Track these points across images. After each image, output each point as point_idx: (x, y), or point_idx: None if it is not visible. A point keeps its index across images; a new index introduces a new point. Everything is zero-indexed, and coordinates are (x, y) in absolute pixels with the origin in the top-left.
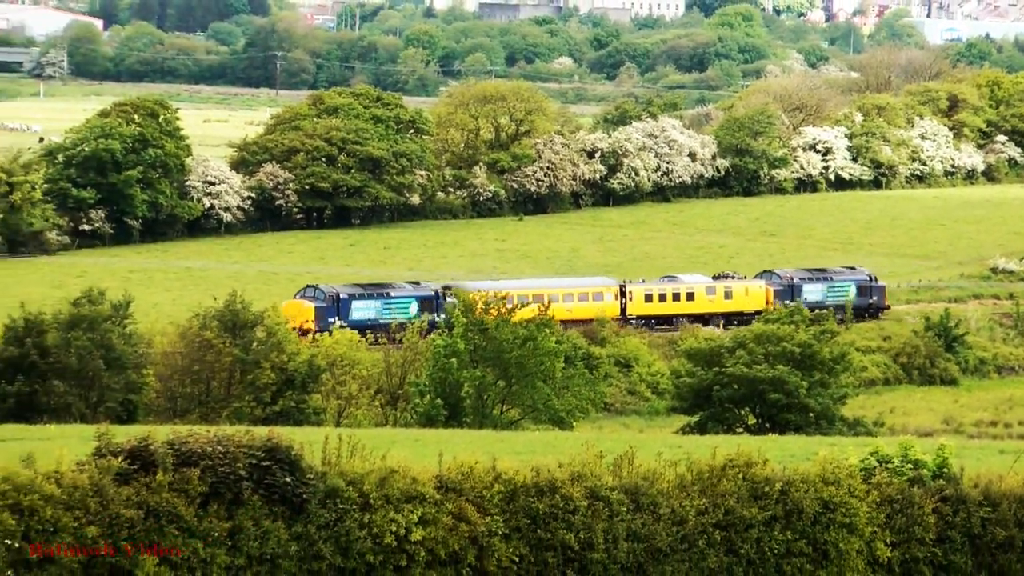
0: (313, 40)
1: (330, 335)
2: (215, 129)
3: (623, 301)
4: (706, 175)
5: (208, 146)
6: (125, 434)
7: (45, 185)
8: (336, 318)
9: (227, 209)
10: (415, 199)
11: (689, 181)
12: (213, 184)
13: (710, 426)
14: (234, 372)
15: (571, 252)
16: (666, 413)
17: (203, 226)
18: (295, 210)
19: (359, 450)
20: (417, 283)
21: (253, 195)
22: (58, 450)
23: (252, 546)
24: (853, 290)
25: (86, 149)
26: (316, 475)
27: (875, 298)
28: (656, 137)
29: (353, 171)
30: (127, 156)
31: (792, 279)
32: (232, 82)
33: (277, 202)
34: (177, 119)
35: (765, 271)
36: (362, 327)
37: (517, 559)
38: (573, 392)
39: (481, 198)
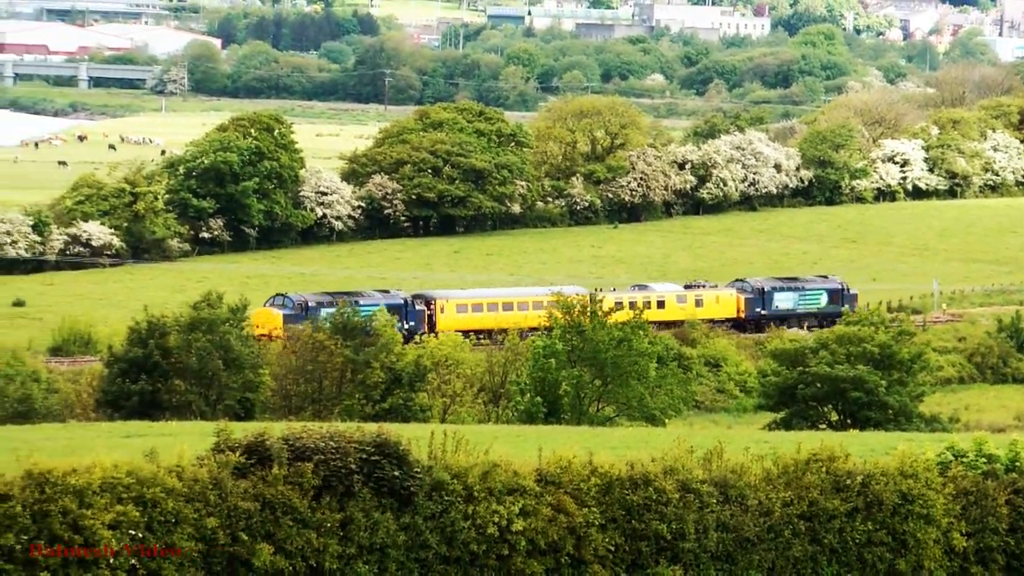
0: (419, 58)
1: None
2: (327, 143)
3: None
4: (790, 185)
5: (320, 158)
6: (243, 430)
7: (167, 195)
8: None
9: (338, 218)
10: (516, 208)
11: (774, 191)
12: (325, 194)
13: (795, 423)
14: (345, 371)
15: (663, 258)
16: (753, 410)
17: (316, 234)
18: (402, 219)
19: (463, 445)
20: (387, 291)
21: (363, 205)
22: (179, 446)
23: (362, 536)
24: (824, 298)
25: (206, 161)
26: (423, 469)
27: (847, 306)
28: (743, 150)
29: (457, 182)
30: (244, 168)
31: (763, 288)
32: (343, 98)
33: (385, 211)
34: (291, 133)
35: (737, 280)
36: None
37: (612, 548)
38: (666, 391)
39: (578, 207)
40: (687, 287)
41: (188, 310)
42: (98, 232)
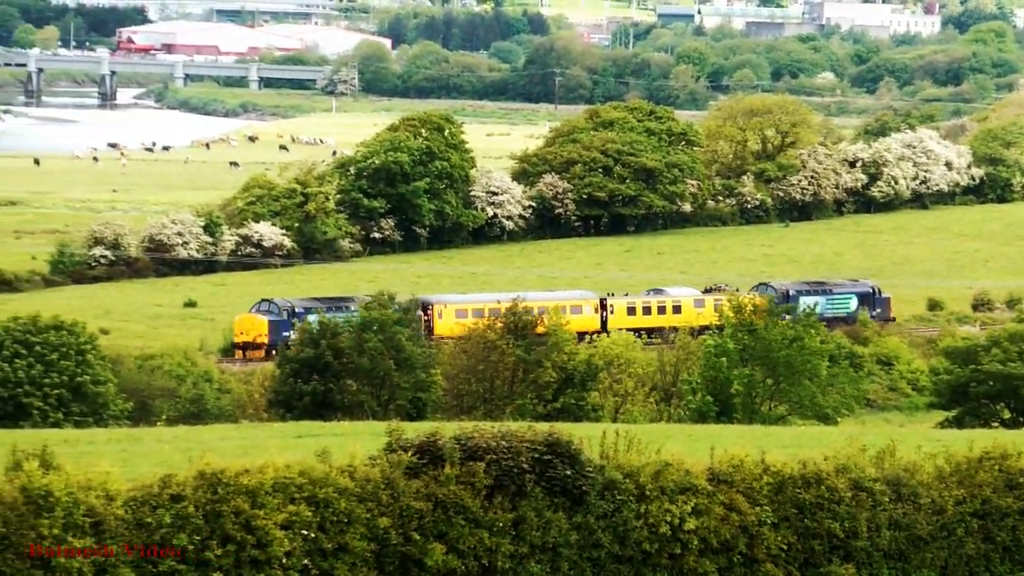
0: (589, 58)
1: (288, 348)
2: (497, 142)
3: (604, 315)
4: (962, 183)
5: (491, 158)
6: (414, 430)
7: (338, 196)
8: (291, 332)
9: (509, 217)
10: (686, 207)
11: (946, 189)
12: (496, 194)
13: (967, 421)
14: (517, 371)
15: (834, 257)
16: (925, 409)
17: (486, 234)
18: (573, 218)
19: (635, 444)
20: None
21: (533, 204)
22: (351, 446)
23: (535, 535)
24: (854, 302)
25: (376, 161)
26: (595, 468)
27: (879, 310)
28: (914, 147)
29: (628, 181)
30: (415, 168)
31: (788, 291)
32: (513, 98)
33: (556, 211)
34: (462, 133)
35: (761, 283)
36: None
37: (785, 547)
38: (838, 389)
39: (749, 206)
40: (706, 291)
41: (360, 310)
42: (269, 233)
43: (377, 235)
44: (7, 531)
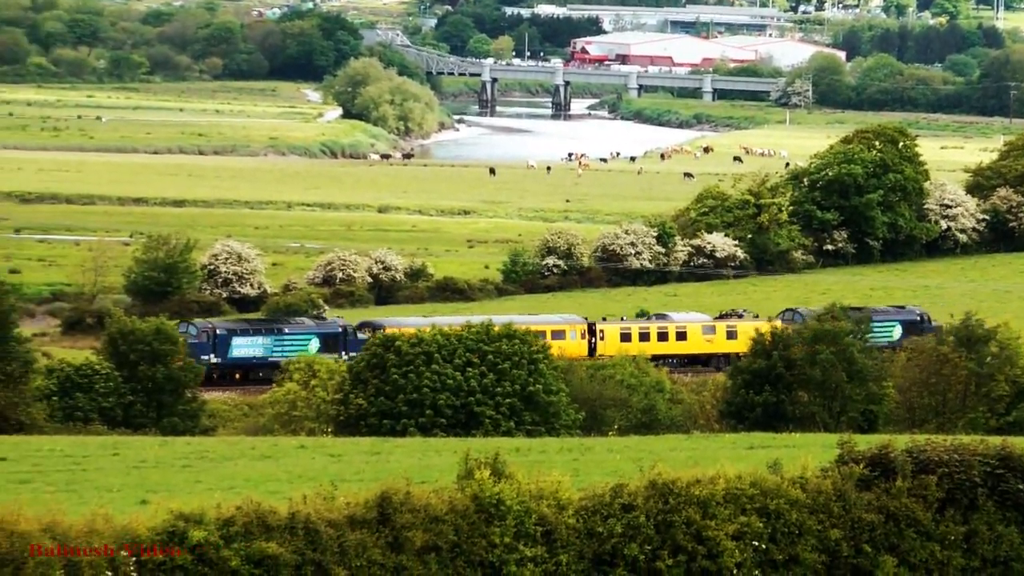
0: None
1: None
2: (951, 155)
3: (592, 340)
4: None
5: (944, 171)
6: (866, 443)
7: (791, 207)
8: (212, 355)
9: (962, 231)
10: None
11: None
12: (949, 207)
13: None
14: (969, 384)
15: None
16: None
17: (939, 247)
18: None
19: None
20: (323, 319)
21: (987, 218)
22: (803, 457)
23: (986, 549)
24: (898, 329)
25: (829, 173)
26: None
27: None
28: None
29: None
30: (868, 180)
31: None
32: (967, 111)
33: (1010, 224)
34: (915, 146)
35: (788, 309)
36: (246, 366)
37: None
38: None
39: None
40: (719, 317)
41: (812, 322)
42: (722, 243)
43: (830, 247)
44: (459, 539)
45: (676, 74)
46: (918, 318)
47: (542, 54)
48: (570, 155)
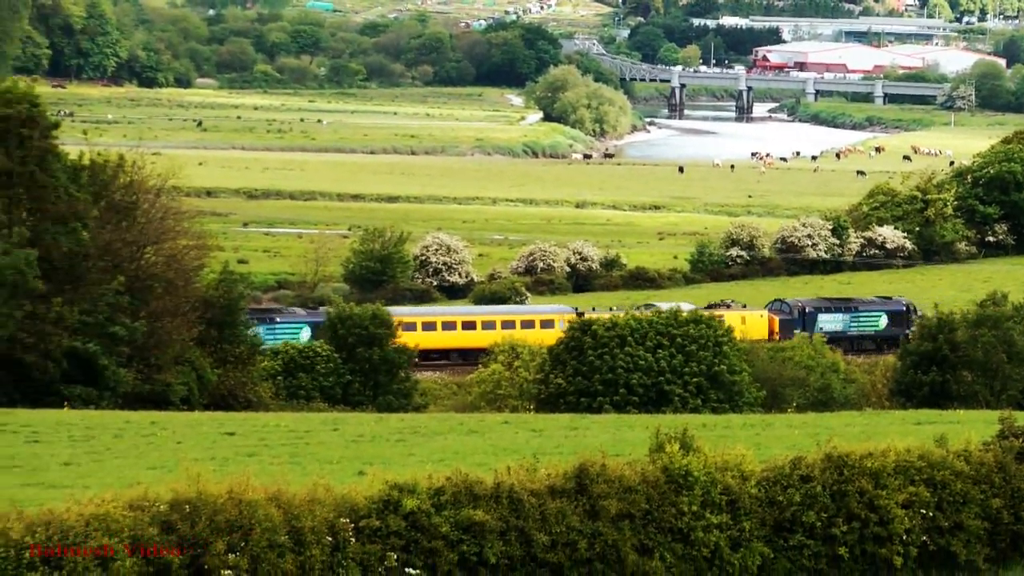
0: None
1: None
2: None
3: None
4: None
5: None
6: None
7: (955, 202)
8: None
9: None
10: None
11: None
12: None
13: None
14: None
15: None
16: None
17: None
18: None
19: None
20: (315, 308)
21: None
22: (966, 432)
23: None
24: (884, 320)
25: (991, 171)
26: None
27: (913, 329)
28: None
29: None
30: None
31: (804, 308)
32: None
33: None
34: None
35: (775, 300)
36: None
37: None
38: None
39: None
40: (709, 306)
41: (974, 307)
42: (892, 236)
43: (991, 239)
44: (650, 507)
45: (850, 80)
46: (903, 309)
47: (726, 62)
48: (754, 154)
